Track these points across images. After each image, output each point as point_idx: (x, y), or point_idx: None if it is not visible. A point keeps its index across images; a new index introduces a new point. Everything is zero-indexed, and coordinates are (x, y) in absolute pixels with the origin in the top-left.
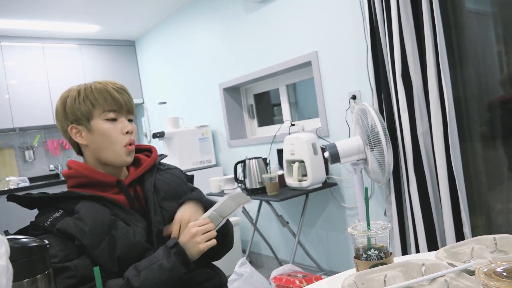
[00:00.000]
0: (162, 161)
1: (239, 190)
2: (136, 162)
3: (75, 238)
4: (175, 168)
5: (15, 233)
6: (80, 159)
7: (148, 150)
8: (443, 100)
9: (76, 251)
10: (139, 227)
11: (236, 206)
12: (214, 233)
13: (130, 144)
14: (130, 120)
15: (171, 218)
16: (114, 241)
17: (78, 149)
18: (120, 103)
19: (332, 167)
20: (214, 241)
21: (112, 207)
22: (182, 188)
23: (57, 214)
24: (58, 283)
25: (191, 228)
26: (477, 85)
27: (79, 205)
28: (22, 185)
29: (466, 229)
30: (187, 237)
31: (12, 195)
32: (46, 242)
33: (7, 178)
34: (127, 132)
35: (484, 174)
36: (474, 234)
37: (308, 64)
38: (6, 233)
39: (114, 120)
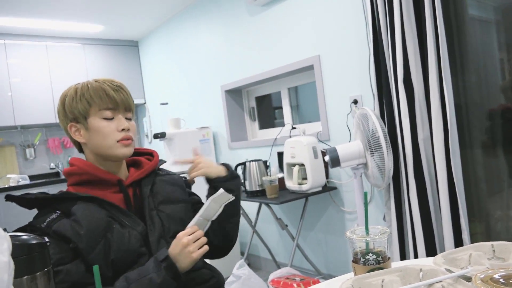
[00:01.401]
0: (162, 166)
1: (221, 190)
2: (137, 165)
3: (70, 241)
4: (174, 174)
5: (14, 231)
6: (81, 156)
7: (150, 154)
8: (444, 106)
9: (71, 254)
10: (135, 231)
11: (219, 206)
12: (204, 239)
13: (126, 139)
14: (129, 119)
15: (169, 220)
16: (109, 244)
17: (79, 147)
18: (116, 101)
19: (332, 171)
20: (206, 247)
21: (109, 209)
22: (179, 193)
23: (54, 216)
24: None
25: (182, 238)
26: (478, 92)
27: (76, 206)
28: (22, 182)
29: (465, 235)
30: (179, 248)
31: (10, 196)
32: (46, 239)
33: (8, 176)
34: (123, 129)
35: (484, 181)
36: (473, 240)
37: (310, 68)
38: (5, 231)
39: (111, 118)
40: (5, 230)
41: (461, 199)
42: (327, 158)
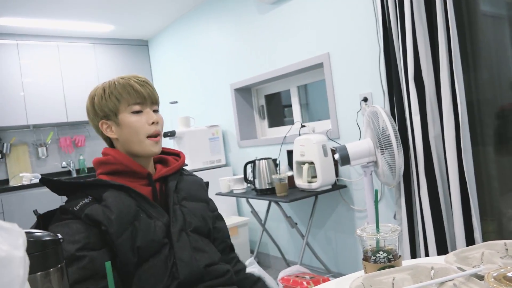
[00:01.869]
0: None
1: None
2: (164, 162)
3: (101, 224)
4: (196, 176)
5: (43, 214)
6: None
7: (177, 155)
8: (455, 103)
9: (100, 240)
10: (160, 222)
11: None
12: None
13: (155, 136)
14: (155, 111)
15: (190, 215)
16: (136, 232)
17: (110, 144)
18: (143, 95)
19: (342, 169)
20: None
21: (137, 198)
22: (202, 193)
23: (86, 200)
24: (72, 272)
25: None
26: (490, 89)
27: (107, 193)
28: (34, 181)
29: (477, 234)
30: None
31: (44, 178)
32: (60, 236)
33: (21, 174)
34: (153, 123)
35: (497, 179)
36: (485, 239)
37: (319, 65)
38: (35, 212)
39: (139, 112)
40: (35, 211)
41: (473, 197)
42: (337, 156)
